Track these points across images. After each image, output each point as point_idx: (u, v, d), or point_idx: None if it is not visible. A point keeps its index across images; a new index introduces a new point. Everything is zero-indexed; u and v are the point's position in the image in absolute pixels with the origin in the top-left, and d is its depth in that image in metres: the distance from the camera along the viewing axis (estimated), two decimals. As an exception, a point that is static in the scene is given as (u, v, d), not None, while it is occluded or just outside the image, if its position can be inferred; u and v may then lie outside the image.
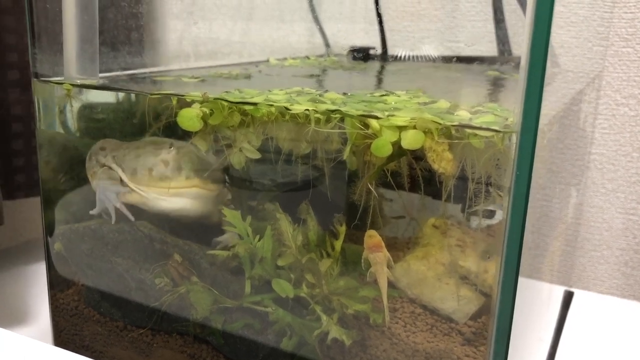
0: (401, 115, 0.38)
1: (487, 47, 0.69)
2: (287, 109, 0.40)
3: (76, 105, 0.51)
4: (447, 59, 0.60)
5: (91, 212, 0.49)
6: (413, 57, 0.61)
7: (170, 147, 0.47)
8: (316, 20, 0.72)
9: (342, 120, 0.39)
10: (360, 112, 0.39)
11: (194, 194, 0.47)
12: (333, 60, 0.73)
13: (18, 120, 0.71)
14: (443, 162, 0.37)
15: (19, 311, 0.63)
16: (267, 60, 0.70)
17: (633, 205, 0.78)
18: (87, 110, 0.52)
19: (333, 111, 0.39)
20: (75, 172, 0.53)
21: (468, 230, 0.43)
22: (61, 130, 0.52)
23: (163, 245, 0.48)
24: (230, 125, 0.42)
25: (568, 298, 0.71)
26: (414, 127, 0.37)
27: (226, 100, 0.42)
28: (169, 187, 0.46)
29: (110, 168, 0.48)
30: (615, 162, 0.77)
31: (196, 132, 0.44)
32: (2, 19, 0.67)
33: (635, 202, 0.77)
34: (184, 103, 0.44)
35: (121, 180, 0.48)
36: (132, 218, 0.48)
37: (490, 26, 0.68)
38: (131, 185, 0.47)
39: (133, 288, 0.49)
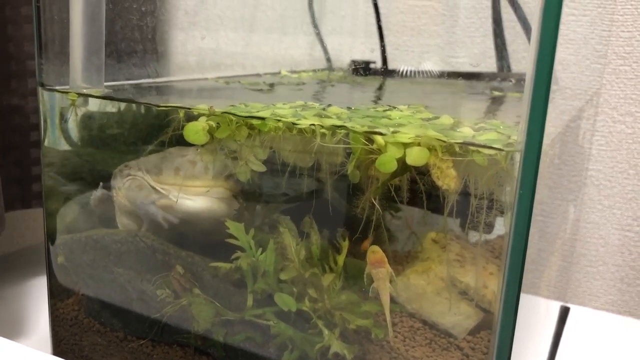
0: (405, 131, 0.38)
1: (486, 63, 0.69)
2: (294, 124, 0.40)
3: (83, 114, 0.51)
4: (447, 75, 0.61)
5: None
6: (414, 72, 0.62)
7: (197, 150, 0.47)
8: (318, 34, 0.73)
9: (347, 135, 0.40)
10: (366, 128, 0.39)
11: (219, 194, 0.47)
12: (340, 74, 0.74)
13: (36, 128, 0.71)
14: (447, 179, 0.37)
15: (18, 319, 0.63)
16: (279, 72, 0.71)
17: (629, 222, 0.78)
18: (92, 120, 0.52)
19: (339, 127, 0.40)
20: (79, 181, 0.53)
21: (468, 246, 0.43)
22: (66, 140, 0.53)
23: (165, 257, 0.48)
24: (237, 139, 0.43)
25: (564, 314, 0.72)
26: (419, 144, 0.37)
27: (235, 114, 0.42)
28: (197, 186, 0.47)
29: (135, 177, 0.49)
30: (611, 178, 0.78)
31: (202, 145, 0.44)
32: (23, 28, 0.68)
33: (631, 218, 0.78)
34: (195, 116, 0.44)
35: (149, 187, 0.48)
36: (169, 223, 0.48)
37: (490, 42, 0.68)
38: (157, 186, 0.48)
39: (134, 299, 0.49)
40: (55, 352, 0.54)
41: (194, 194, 0.47)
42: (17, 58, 0.68)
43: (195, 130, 0.43)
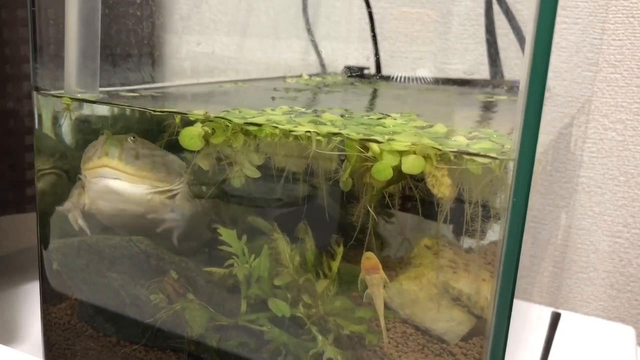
0: (401, 139, 0.38)
1: (479, 70, 0.70)
2: (291, 131, 0.40)
3: (80, 118, 0.51)
4: (441, 81, 0.61)
5: None
6: (408, 78, 0.62)
7: (102, 134, 0.47)
8: (312, 40, 0.73)
9: (341, 142, 0.40)
10: (361, 136, 0.39)
11: (108, 174, 0.46)
12: (343, 79, 0.75)
13: (32, 132, 0.71)
14: (442, 187, 0.37)
15: (9, 324, 0.63)
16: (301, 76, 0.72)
17: (619, 229, 0.79)
18: (87, 124, 0.52)
19: (335, 134, 0.40)
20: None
21: (462, 253, 0.43)
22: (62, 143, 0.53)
23: (159, 262, 0.48)
24: (234, 145, 0.43)
25: (555, 319, 0.72)
26: (414, 153, 0.37)
27: (231, 121, 0.43)
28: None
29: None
30: (602, 185, 0.79)
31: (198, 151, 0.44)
32: (17, 31, 0.67)
33: (621, 225, 0.79)
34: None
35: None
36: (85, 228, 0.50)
37: (482, 49, 0.69)
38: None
39: (127, 303, 0.49)
40: (47, 357, 0.54)
41: (92, 176, 0.48)
42: (12, 61, 0.68)
43: (191, 136, 0.43)
